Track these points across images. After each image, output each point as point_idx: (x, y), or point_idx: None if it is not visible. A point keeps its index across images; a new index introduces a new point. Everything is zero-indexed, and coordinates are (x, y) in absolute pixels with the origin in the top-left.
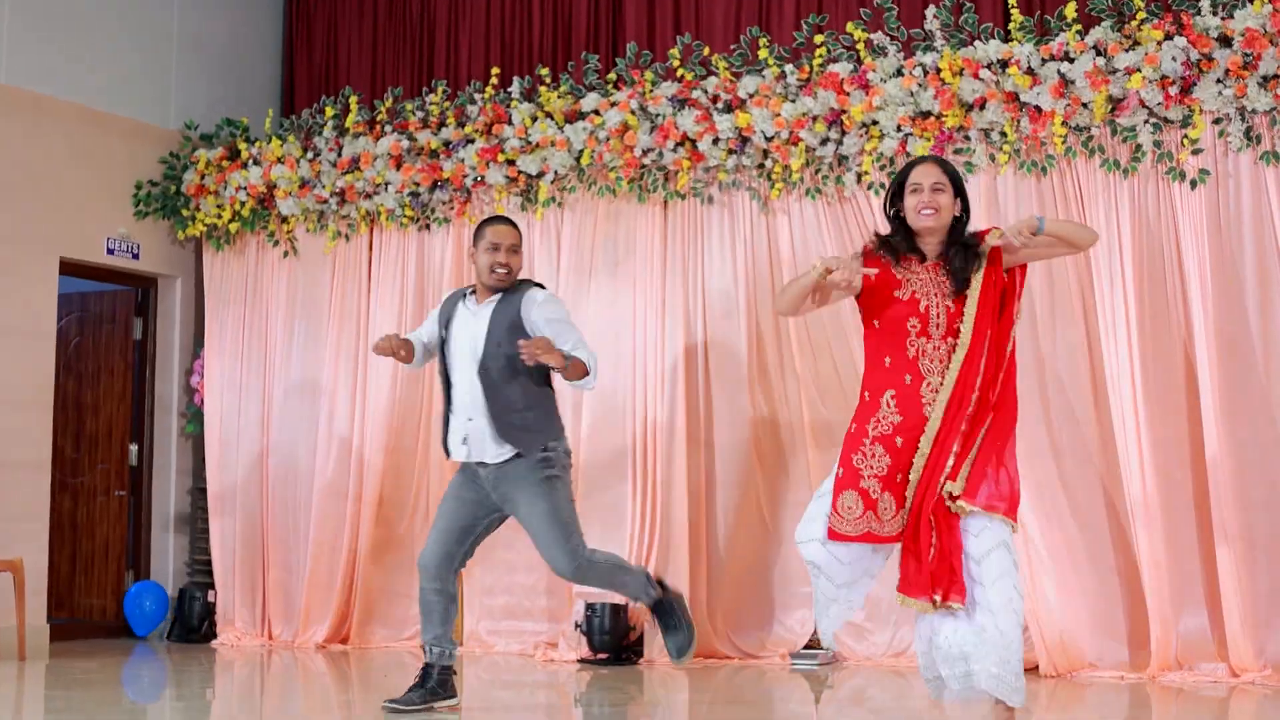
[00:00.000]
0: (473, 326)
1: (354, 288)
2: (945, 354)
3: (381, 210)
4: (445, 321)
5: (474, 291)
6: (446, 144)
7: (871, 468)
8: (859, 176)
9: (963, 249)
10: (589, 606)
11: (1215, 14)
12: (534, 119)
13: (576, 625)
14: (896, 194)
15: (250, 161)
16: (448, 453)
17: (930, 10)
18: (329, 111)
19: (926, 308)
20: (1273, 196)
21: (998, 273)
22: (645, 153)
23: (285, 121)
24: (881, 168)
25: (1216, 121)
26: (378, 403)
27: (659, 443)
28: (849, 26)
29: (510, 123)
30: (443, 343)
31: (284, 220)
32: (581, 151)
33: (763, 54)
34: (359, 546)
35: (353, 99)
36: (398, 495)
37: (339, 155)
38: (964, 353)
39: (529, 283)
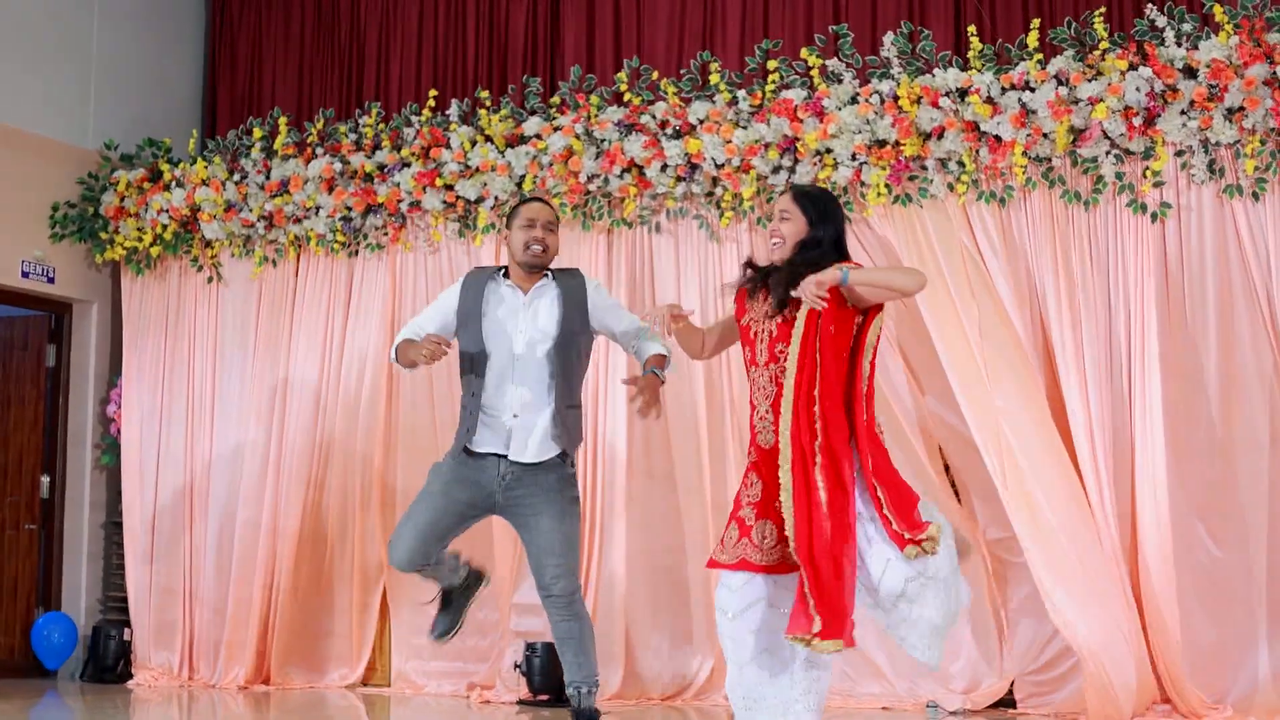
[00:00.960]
0: (529, 311)
1: (281, 315)
2: (769, 381)
3: (311, 235)
4: (476, 303)
5: (503, 274)
6: (381, 167)
7: (749, 495)
8: None
9: (787, 270)
10: (529, 646)
11: (1179, 44)
12: (473, 143)
13: (516, 665)
14: None
15: (173, 183)
16: (468, 450)
17: (888, 37)
18: (257, 133)
19: (755, 334)
20: (1235, 230)
21: (832, 300)
22: (591, 179)
23: (210, 143)
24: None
25: (1179, 154)
26: (298, 434)
27: (606, 471)
28: (803, 52)
29: (448, 146)
30: (467, 327)
31: (208, 244)
32: (523, 177)
33: (714, 79)
34: (278, 583)
35: (282, 120)
36: (318, 530)
37: (267, 178)
38: (791, 379)
39: (576, 269)
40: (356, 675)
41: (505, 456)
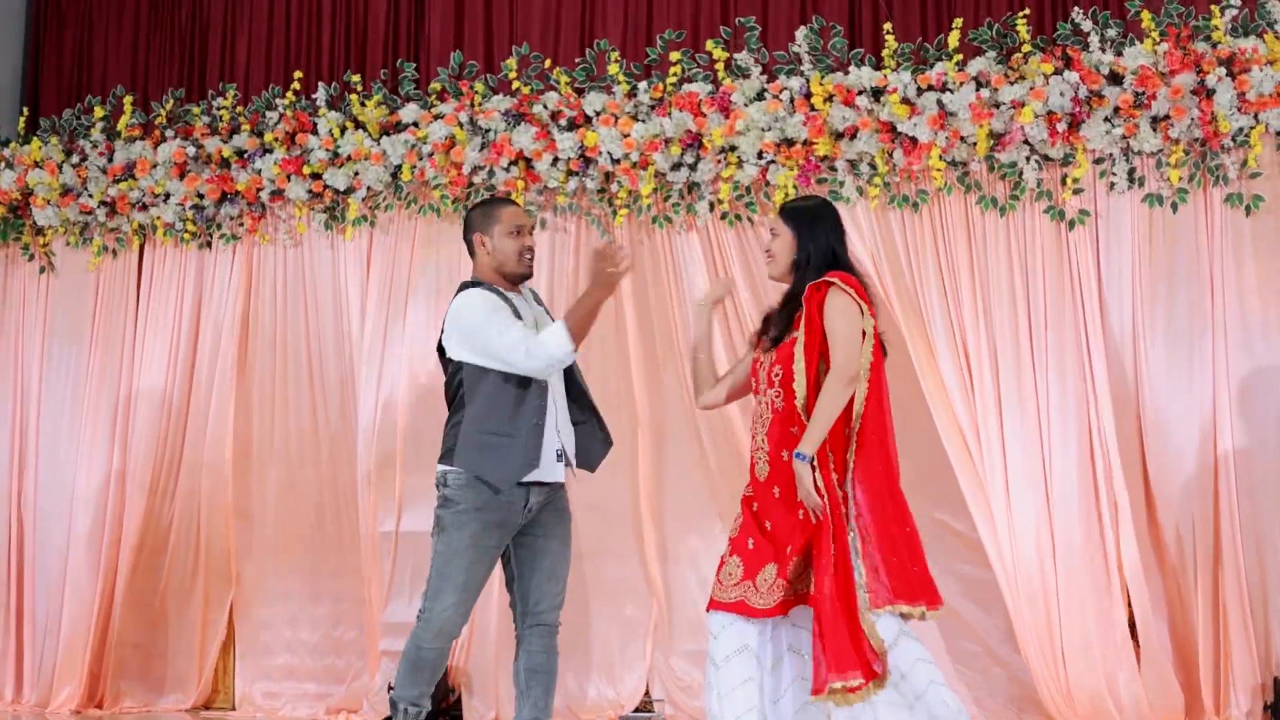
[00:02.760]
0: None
1: (121, 310)
2: (765, 408)
3: (158, 224)
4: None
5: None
6: (240, 153)
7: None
8: (712, 205)
9: (787, 301)
10: None
11: (1103, 50)
12: (343, 129)
13: (390, 687)
14: None
15: (3, 165)
16: (523, 473)
17: (801, 31)
18: (98, 112)
19: (755, 362)
20: (1153, 239)
21: (814, 320)
22: (475, 171)
23: (45, 122)
24: (739, 197)
25: (1098, 161)
26: (142, 439)
27: None
28: (708, 45)
29: (315, 132)
30: None
31: (40, 232)
32: (399, 166)
33: (612, 69)
34: (115, 598)
35: (127, 100)
36: (161, 542)
37: (110, 161)
38: (782, 404)
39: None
40: (197, 697)
41: (538, 482)
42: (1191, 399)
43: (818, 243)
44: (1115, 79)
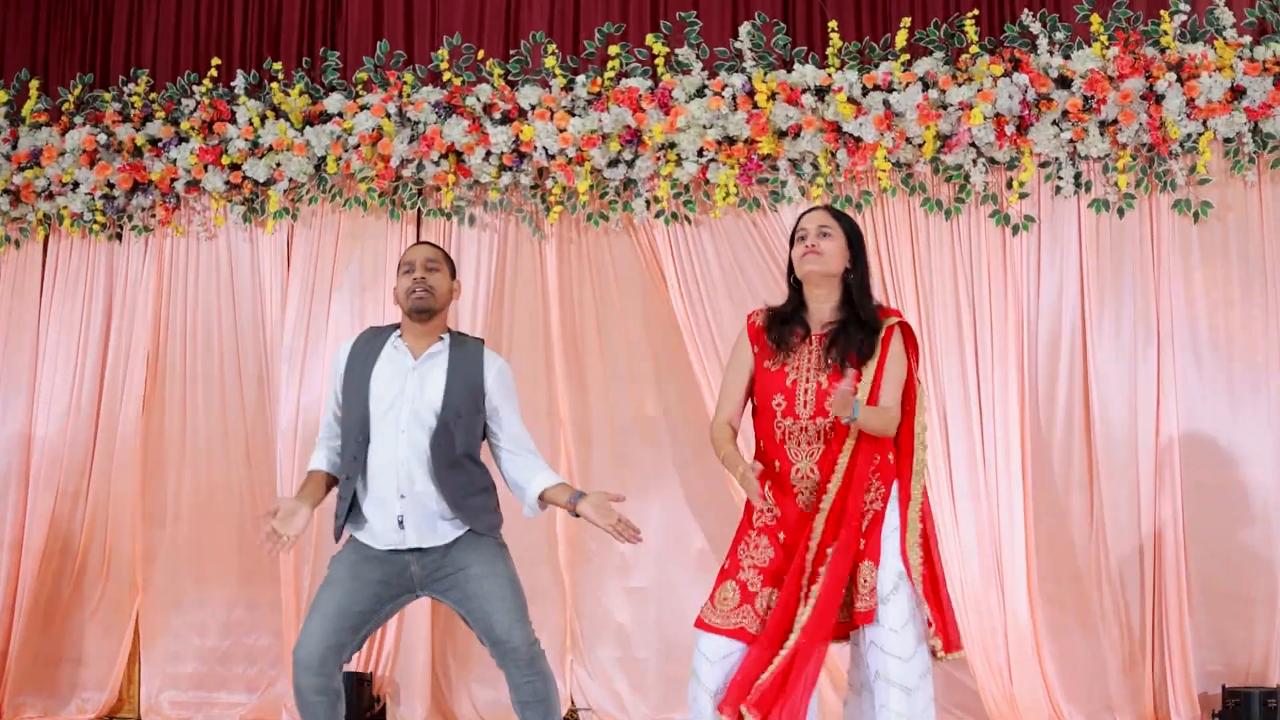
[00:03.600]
0: (416, 380)
1: (23, 304)
2: (814, 436)
3: (65, 214)
4: (359, 366)
5: (398, 333)
6: (154, 141)
7: (753, 558)
8: (648, 203)
9: (852, 320)
10: None
11: (1052, 53)
12: (263, 119)
13: None
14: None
15: None
16: (336, 537)
17: (745, 27)
18: (1, 97)
19: (794, 382)
20: (1097, 244)
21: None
22: (404, 164)
23: None
24: (676, 195)
25: (1044, 165)
26: (49, 439)
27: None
28: (648, 39)
29: (234, 121)
30: (348, 397)
31: None
32: (324, 158)
33: (549, 62)
34: (19, 604)
35: (33, 84)
36: (69, 545)
37: (14, 148)
38: (853, 441)
39: (479, 341)
40: (102, 707)
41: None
42: (1137, 405)
43: (866, 265)
44: (1064, 83)
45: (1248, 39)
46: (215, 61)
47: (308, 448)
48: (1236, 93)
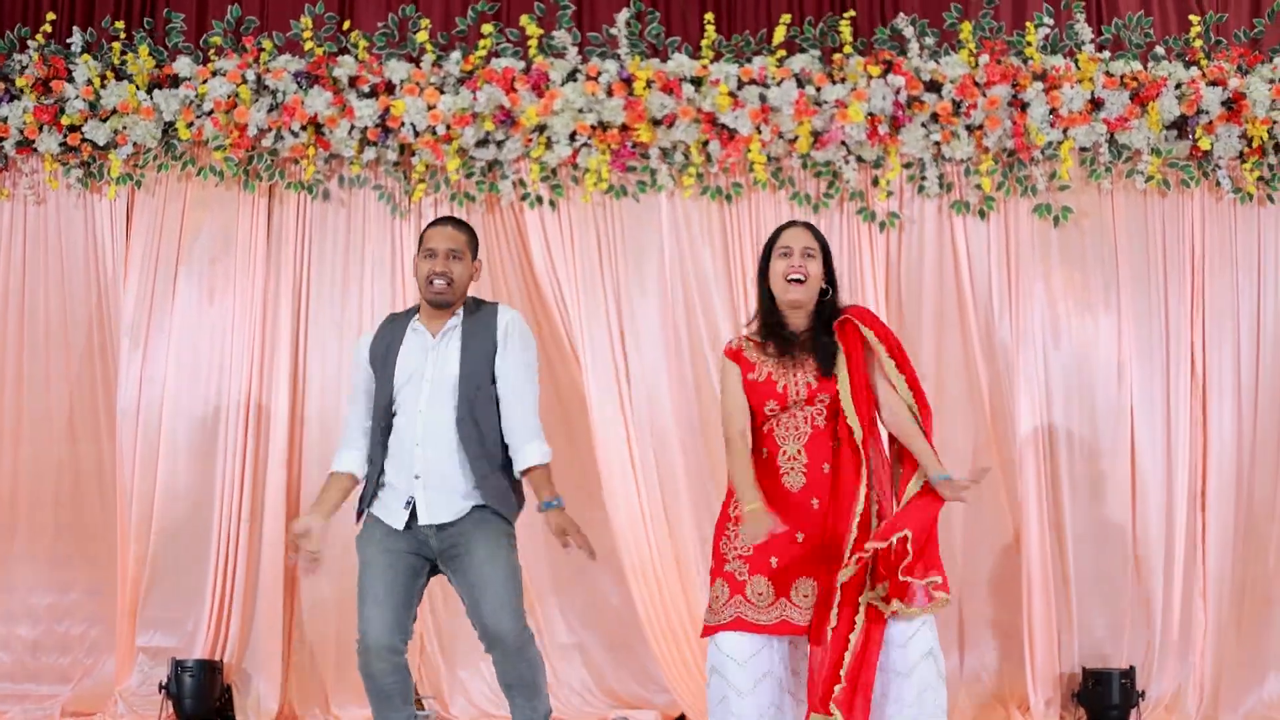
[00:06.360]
0: (435, 357)
1: None
2: (803, 421)
3: None
4: (383, 353)
5: (416, 317)
6: None
7: (735, 549)
8: (514, 185)
9: (820, 329)
10: (179, 664)
11: (922, 57)
12: (103, 79)
13: (162, 686)
14: (765, 262)
15: None
16: (358, 519)
17: (622, 14)
18: None
19: (785, 388)
20: (957, 245)
21: (857, 358)
22: (261, 134)
23: None
24: (544, 179)
25: (907, 165)
26: None
27: (249, 465)
28: (523, 20)
29: (72, 80)
30: (377, 384)
31: None
32: (172, 123)
33: (421, 37)
34: None
35: None
36: None
37: None
38: (858, 435)
39: (494, 303)
40: None
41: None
42: (1000, 398)
43: (836, 281)
44: (932, 86)
45: (1106, 54)
46: (50, 16)
47: (151, 423)
48: (1096, 104)
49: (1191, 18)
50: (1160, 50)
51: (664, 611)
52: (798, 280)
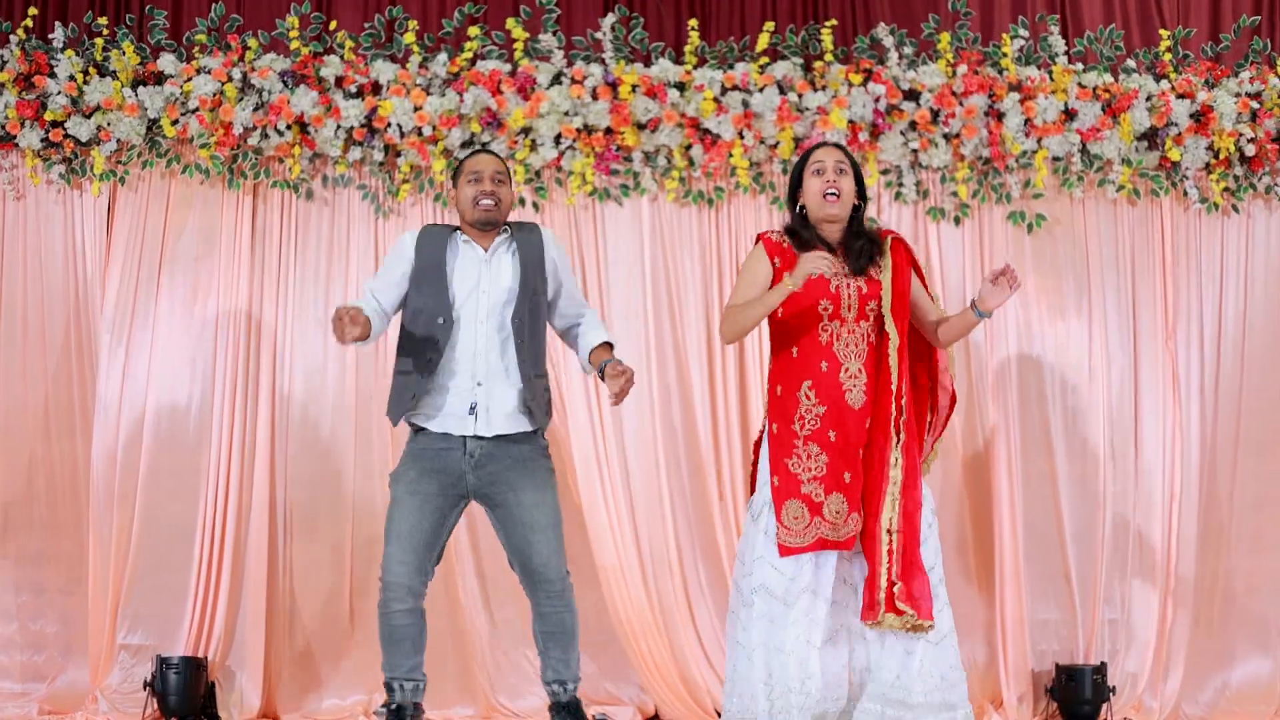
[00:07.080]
0: (489, 271)
1: None
2: (860, 339)
3: None
4: (433, 262)
5: (460, 234)
6: None
7: (810, 469)
8: None
9: (864, 239)
10: (163, 660)
11: (901, 67)
12: (85, 75)
13: (146, 683)
14: (796, 183)
15: None
16: (395, 421)
17: (608, 19)
18: None
19: (837, 288)
20: (932, 250)
21: (904, 270)
22: (247, 132)
23: None
24: (528, 181)
25: (885, 172)
26: None
27: (234, 462)
28: (509, 23)
29: (54, 75)
30: (422, 284)
31: None
32: (156, 120)
33: (408, 39)
34: None
35: None
36: None
37: None
38: (895, 342)
39: (532, 222)
40: None
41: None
42: (970, 400)
43: (866, 196)
44: (910, 95)
45: (1080, 65)
46: (32, 11)
47: (134, 418)
48: (1069, 115)
49: (1161, 31)
50: (1131, 63)
51: (637, 611)
52: (834, 194)
